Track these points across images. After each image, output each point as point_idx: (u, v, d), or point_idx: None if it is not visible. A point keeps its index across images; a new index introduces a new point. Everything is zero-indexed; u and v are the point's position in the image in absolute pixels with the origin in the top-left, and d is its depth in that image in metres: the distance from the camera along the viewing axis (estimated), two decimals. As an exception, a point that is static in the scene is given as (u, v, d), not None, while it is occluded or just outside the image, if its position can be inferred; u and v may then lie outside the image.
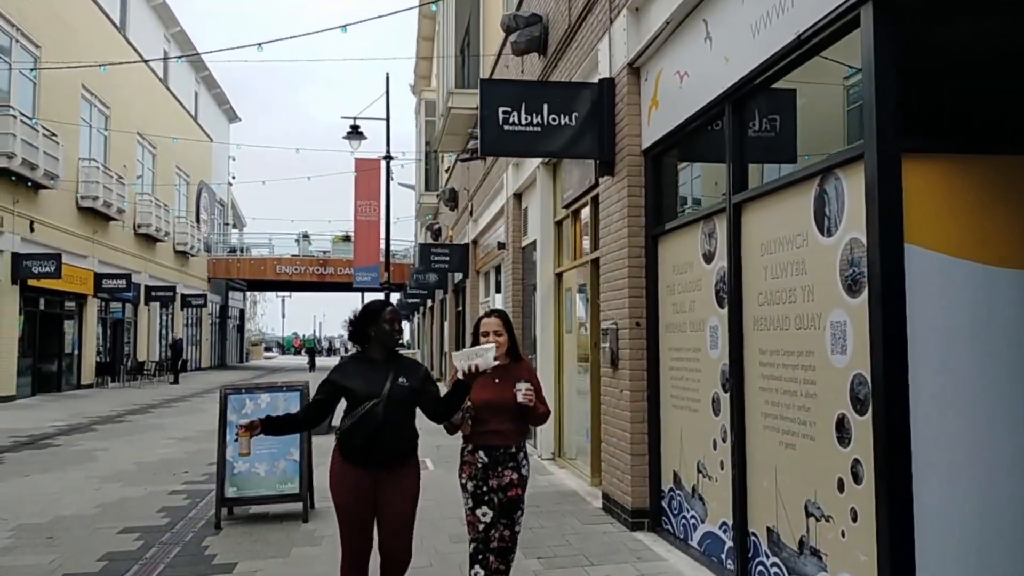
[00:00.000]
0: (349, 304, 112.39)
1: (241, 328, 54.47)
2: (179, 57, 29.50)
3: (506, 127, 6.98)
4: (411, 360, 4.45)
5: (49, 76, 23.02)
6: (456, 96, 16.82)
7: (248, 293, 58.56)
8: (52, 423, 16.01)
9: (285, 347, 78.51)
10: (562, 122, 7.02)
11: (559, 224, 10.33)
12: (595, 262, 8.48)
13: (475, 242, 17.96)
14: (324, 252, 46.02)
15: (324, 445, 10.53)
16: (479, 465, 4.36)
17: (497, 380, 4.35)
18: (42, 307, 23.67)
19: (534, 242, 11.52)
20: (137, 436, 13.85)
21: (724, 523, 5.24)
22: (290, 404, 7.57)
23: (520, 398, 4.28)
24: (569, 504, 7.71)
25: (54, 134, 22.18)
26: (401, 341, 4.15)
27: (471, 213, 17.71)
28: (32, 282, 21.77)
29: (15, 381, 21.45)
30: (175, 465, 10.68)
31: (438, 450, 11.09)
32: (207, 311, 42.50)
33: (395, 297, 54.25)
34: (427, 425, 4.38)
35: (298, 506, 7.51)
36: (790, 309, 4.37)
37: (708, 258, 5.53)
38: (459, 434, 4.48)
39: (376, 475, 4.11)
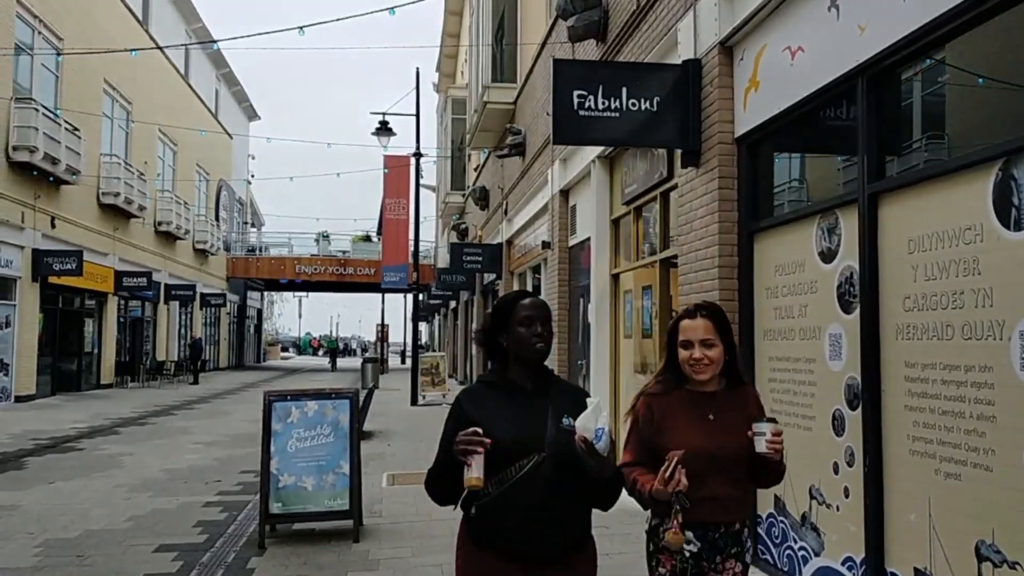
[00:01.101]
0: (367, 304, 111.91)
1: (259, 328, 54.11)
2: (208, 42, 29.07)
3: (582, 112, 6.36)
4: (573, 386, 3.04)
5: (71, 69, 22.59)
6: (492, 91, 16.27)
7: (265, 293, 58.20)
8: (73, 425, 15.51)
9: (302, 347, 78.16)
10: (642, 107, 6.39)
11: (616, 222, 9.71)
12: (665, 262, 7.86)
13: (509, 242, 17.35)
14: (344, 252, 45.55)
15: (371, 451, 9.94)
16: (686, 555, 2.88)
17: (712, 416, 2.93)
18: (61, 305, 23.23)
19: (584, 241, 10.91)
20: (163, 440, 13.31)
21: (850, 559, 4.60)
22: (339, 413, 7.00)
23: (762, 447, 2.79)
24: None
25: (76, 128, 21.74)
26: (543, 349, 2.76)
27: (505, 212, 17.11)
28: (52, 279, 21.32)
29: (35, 380, 21.01)
30: (206, 473, 10.12)
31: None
32: (225, 310, 42.11)
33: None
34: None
35: (344, 523, 6.92)
36: (955, 316, 3.73)
37: (827, 257, 4.89)
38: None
39: (533, 573, 2.68)
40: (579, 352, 10.98)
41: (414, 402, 18.98)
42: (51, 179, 21.05)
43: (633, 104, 6.37)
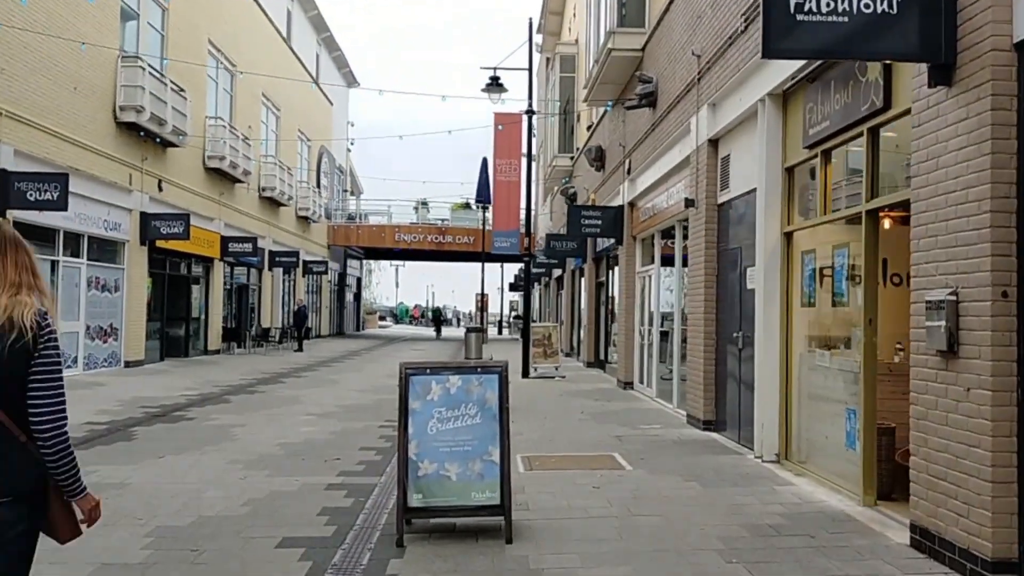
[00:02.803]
0: (462, 274, 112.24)
1: (358, 296, 54.17)
2: None
3: (800, 16, 5.04)
4: None
5: (177, 30, 22.18)
6: (617, 36, 14.91)
7: (364, 261, 58.27)
8: (183, 392, 15.04)
9: (399, 316, 78.46)
10: (878, 8, 5.03)
11: (791, 171, 8.31)
12: (873, 215, 6.48)
13: (632, 204, 16.02)
14: (443, 220, 44.85)
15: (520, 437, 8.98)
16: None
17: None
18: (168, 270, 23.06)
19: (742, 196, 9.55)
20: (274, 411, 12.61)
21: None
22: (486, 390, 5.91)
23: None
24: (855, 535, 5.78)
25: (182, 89, 21.32)
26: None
27: (628, 171, 15.77)
28: (160, 243, 21.07)
29: (144, 345, 20.85)
30: (323, 449, 9.27)
31: (621, 441, 9.31)
32: (327, 278, 42.04)
33: (512, 268, 52.97)
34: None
35: (492, 520, 5.86)
36: None
37: None
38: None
39: None
40: (734, 323, 9.66)
41: (525, 374, 17.97)
42: (158, 140, 20.70)
43: (867, 5, 5.01)
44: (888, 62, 6.05)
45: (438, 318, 50.91)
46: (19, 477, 2.62)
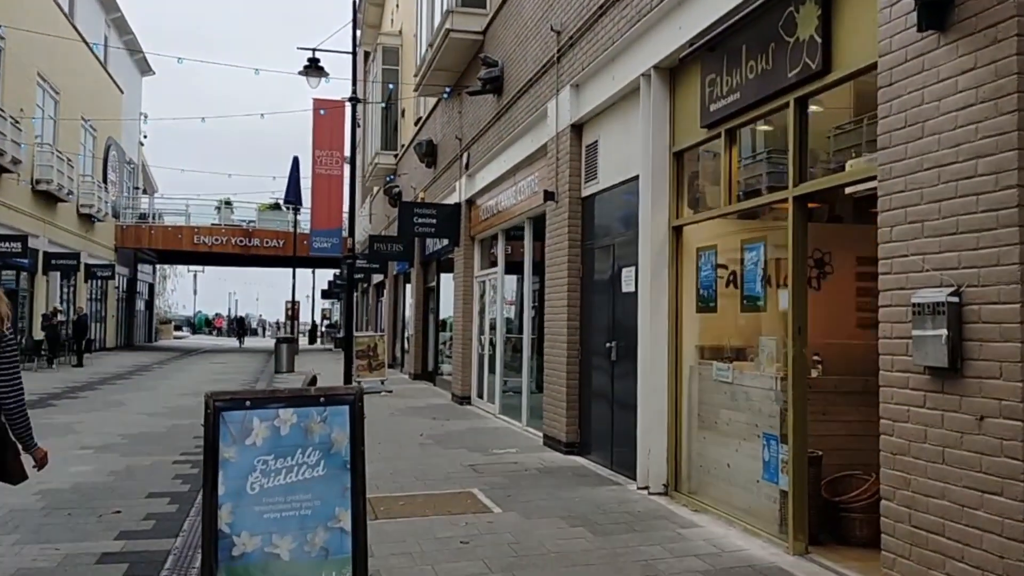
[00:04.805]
0: (268, 282, 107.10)
1: (151, 304, 49.50)
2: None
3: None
4: None
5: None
6: (457, 16, 13.49)
7: (158, 266, 53.46)
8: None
9: (197, 326, 72.94)
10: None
11: (680, 156, 7.19)
12: (802, 202, 5.40)
13: (471, 202, 14.64)
14: (248, 222, 41.59)
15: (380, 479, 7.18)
16: None
17: None
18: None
19: (615, 187, 8.39)
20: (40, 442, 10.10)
21: None
22: (332, 428, 4.25)
23: None
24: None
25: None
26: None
27: (466, 167, 14.38)
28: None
29: None
30: (99, 497, 7.17)
31: (477, 471, 7.83)
32: (114, 284, 37.77)
33: (324, 275, 50.12)
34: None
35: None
36: None
37: None
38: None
39: None
40: (605, 332, 8.45)
41: (348, 389, 16.10)
42: None
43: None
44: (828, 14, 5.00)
45: (241, 328, 47.45)
46: None
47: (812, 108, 5.49)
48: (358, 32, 17.60)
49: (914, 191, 4.11)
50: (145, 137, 46.88)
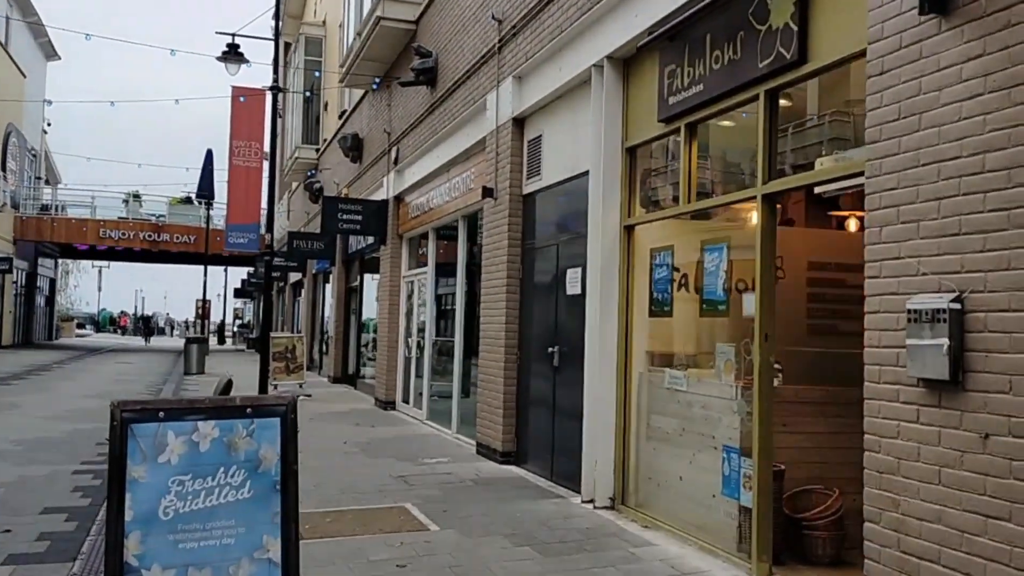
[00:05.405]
0: (177, 279, 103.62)
1: (51, 301, 47.01)
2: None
3: None
4: None
5: None
6: (388, 3, 12.91)
7: (61, 260, 50.85)
8: None
9: (101, 324, 69.76)
10: None
11: (633, 152, 6.82)
12: (771, 200, 5.08)
13: (399, 198, 14.06)
14: (158, 216, 39.81)
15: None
16: None
17: None
18: None
19: (560, 184, 8.00)
20: (-87, 452, 9.13)
21: None
22: (260, 444, 3.70)
23: None
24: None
25: None
26: None
27: (395, 162, 13.80)
28: None
29: None
30: (-17, 517, 6.37)
31: (408, 483, 7.28)
32: (11, 279, 35.64)
33: (237, 273, 48.43)
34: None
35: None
36: None
37: None
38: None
39: None
40: (547, 336, 8.04)
41: (264, 393, 15.31)
42: None
43: None
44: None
45: (148, 326, 45.51)
46: None
47: (784, 102, 5.18)
48: (280, 19, 16.79)
49: (909, 188, 3.80)
50: (49, 124, 44.56)
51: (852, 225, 6.81)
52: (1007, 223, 3.35)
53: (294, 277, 29.06)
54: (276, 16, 15.81)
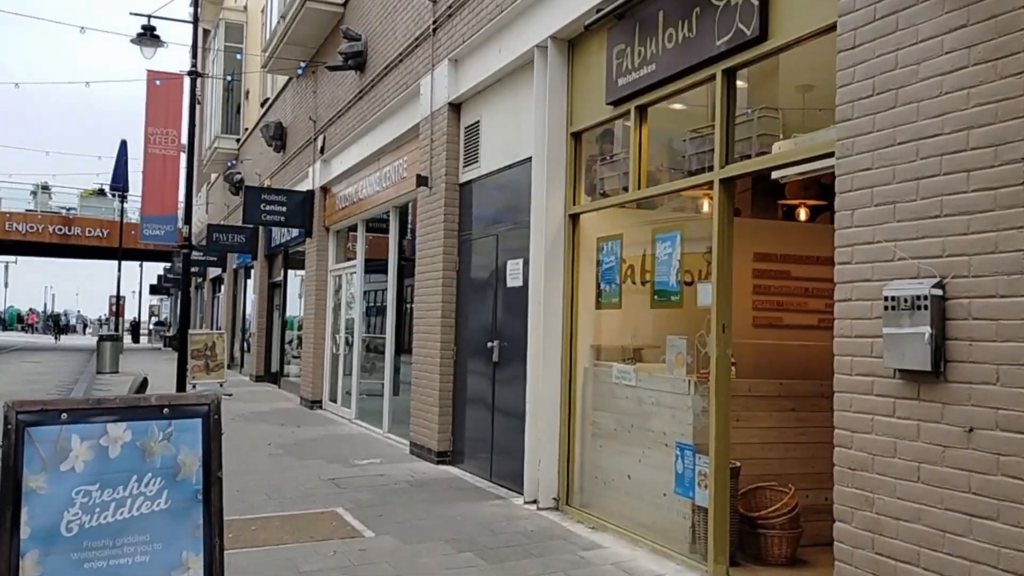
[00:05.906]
0: (88, 275, 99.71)
1: (-49, 297, 44.53)
2: None
3: None
4: None
5: None
6: (316, -13, 12.36)
7: (-39, 255, 48.25)
8: None
9: (8, 322, 66.55)
10: None
11: (579, 137, 6.53)
12: (729, 184, 4.86)
13: (325, 189, 13.53)
14: (69, 209, 38.06)
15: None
16: None
17: None
18: None
19: (499, 172, 7.68)
20: None
21: None
22: (179, 447, 3.28)
23: None
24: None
25: None
26: None
27: (322, 151, 13.27)
28: None
29: None
30: None
31: (339, 486, 6.87)
32: (-94, 273, 33.60)
33: (153, 268, 46.67)
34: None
35: None
36: None
37: None
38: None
39: None
40: (486, 331, 7.70)
41: (183, 392, 14.57)
42: None
43: None
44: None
45: (57, 324, 43.57)
46: None
47: (742, 78, 4.96)
48: (199, 2, 16.04)
49: (884, 168, 3.59)
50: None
51: (802, 214, 6.68)
52: (993, 203, 3.16)
53: (213, 272, 28.07)
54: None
